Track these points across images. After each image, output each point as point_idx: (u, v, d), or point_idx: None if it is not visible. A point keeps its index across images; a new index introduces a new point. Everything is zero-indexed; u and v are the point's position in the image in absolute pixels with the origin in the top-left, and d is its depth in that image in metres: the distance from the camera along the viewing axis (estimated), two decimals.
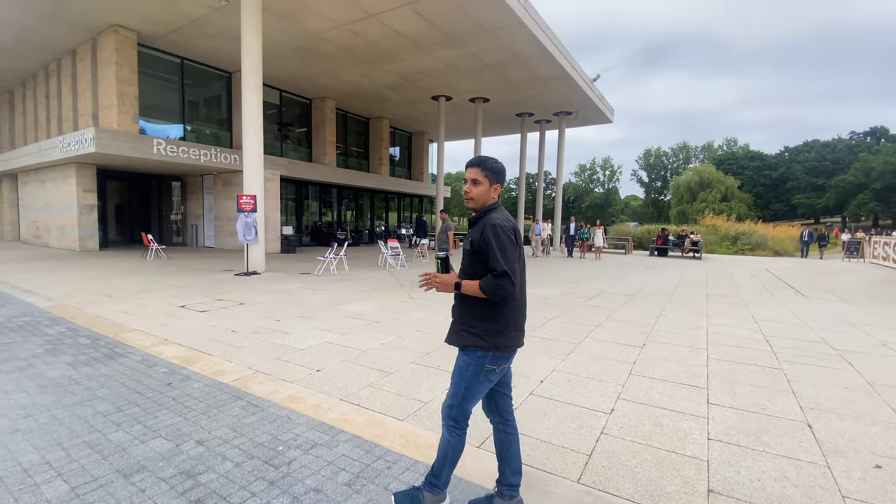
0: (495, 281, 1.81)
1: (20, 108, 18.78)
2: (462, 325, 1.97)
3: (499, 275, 1.80)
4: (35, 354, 4.30)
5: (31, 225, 17.89)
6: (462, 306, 1.98)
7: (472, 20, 12.12)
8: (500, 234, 1.85)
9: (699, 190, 50.07)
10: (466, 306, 1.95)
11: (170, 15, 12.16)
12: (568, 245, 18.59)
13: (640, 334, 5.45)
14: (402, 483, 2.30)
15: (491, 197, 1.98)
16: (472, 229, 1.98)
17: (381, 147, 24.00)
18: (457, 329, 2.00)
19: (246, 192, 9.72)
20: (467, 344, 1.94)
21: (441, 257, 1.97)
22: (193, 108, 16.23)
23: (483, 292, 1.83)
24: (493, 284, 1.81)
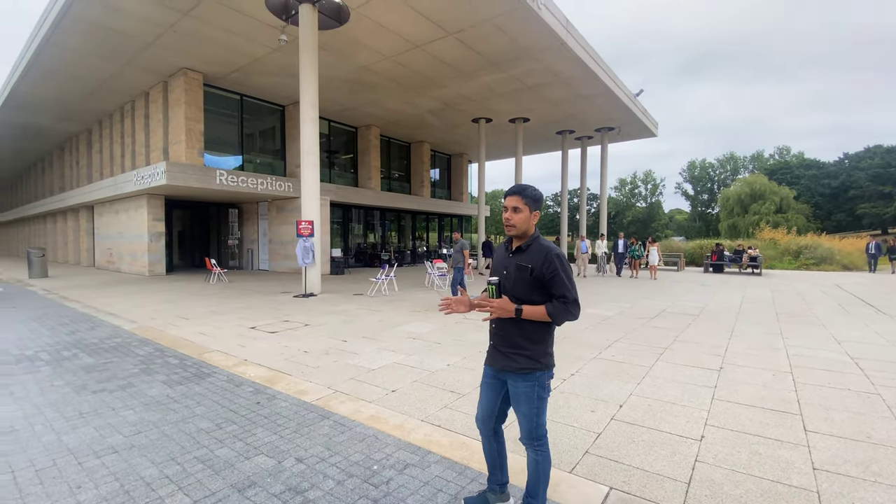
0: (566, 307, 1.94)
1: (97, 146, 20.70)
2: (513, 348, 2.02)
3: (571, 302, 1.94)
4: (132, 374, 4.66)
5: (105, 251, 19.45)
6: (515, 331, 2.02)
7: (515, 46, 12.39)
8: (565, 263, 2.00)
9: (751, 202, 47.61)
10: (520, 330, 2.01)
11: (233, 56, 13.19)
12: (617, 263, 17.46)
13: (714, 356, 5.23)
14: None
15: (532, 224, 2.05)
16: (520, 256, 2.03)
17: (423, 170, 24.58)
18: (507, 353, 2.04)
19: (304, 218, 10.21)
20: (524, 367, 2.00)
21: (494, 283, 2.00)
22: (250, 139, 17.34)
23: (551, 317, 1.94)
24: (563, 310, 1.94)
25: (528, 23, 11.21)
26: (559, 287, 1.94)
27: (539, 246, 2.02)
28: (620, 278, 16.45)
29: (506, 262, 2.07)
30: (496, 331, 2.09)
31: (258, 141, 17.87)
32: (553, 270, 1.94)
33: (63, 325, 7.28)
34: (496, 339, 2.09)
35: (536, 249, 2.01)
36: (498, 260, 2.14)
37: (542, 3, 10.88)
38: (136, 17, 10.84)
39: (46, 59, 13.28)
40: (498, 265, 2.11)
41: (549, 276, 1.95)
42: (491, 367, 2.14)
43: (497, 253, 2.20)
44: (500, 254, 2.16)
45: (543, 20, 11.10)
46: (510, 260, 2.06)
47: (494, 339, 2.10)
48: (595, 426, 3.31)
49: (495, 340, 2.09)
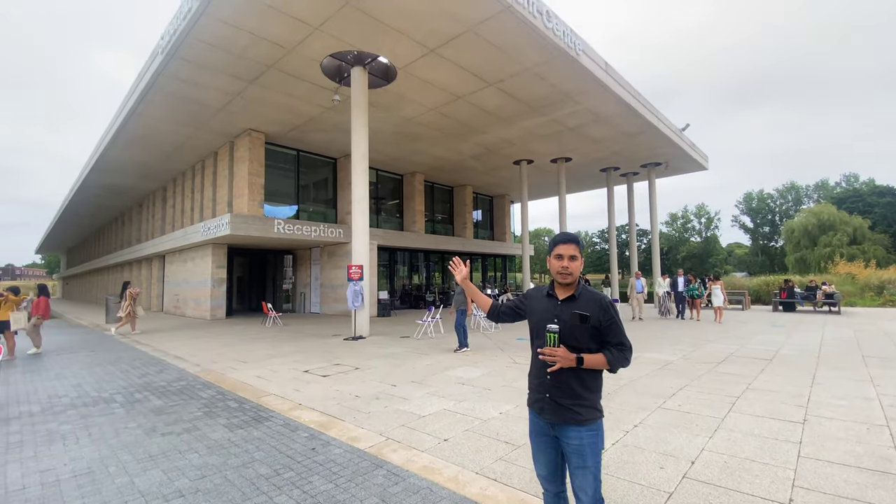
0: (623, 355, 1.96)
1: (171, 201, 22.84)
2: (574, 399, 1.97)
3: (627, 349, 1.98)
4: (196, 417, 4.87)
5: (173, 297, 20.93)
6: (574, 381, 1.97)
7: (555, 90, 12.69)
8: (618, 311, 2.01)
9: (819, 233, 44.14)
10: (578, 380, 1.97)
11: (291, 117, 14.40)
12: (678, 304, 15.60)
13: (796, 407, 4.73)
14: None
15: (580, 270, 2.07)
16: (574, 304, 2.00)
17: (465, 212, 25.00)
18: (568, 405, 1.97)
19: (354, 263, 10.59)
20: (588, 418, 1.96)
21: (555, 331, 1.95)
22: (305, 190, 18.50)
23: (610, 365, 1.94)
24: (621, 358, 1.96)
25: (567, 69, 11.51)
26: (617, 335, 1.97)
27: (591, 294, 2.04)
28: (683, 320, 14.71)
29: (556, 309, 2.03)
30: (553, 382, 2.00)
31: (312, 191, 19.03)
32: (610, 318, 1.97)
33: (135, 368, 7.80)
34: (553, 390, 2.00)
35: (589, 297, 2.01)
36: (544, 308, 2.08)
37: (581, 50, 11.18)
38: (209, 87, 12.19)
39: (132, 127, 15.09)
40: (545, 313, 2.06)
41: (606, 324, 1.97)
42: (545, 420, 2.05)
43: (537, 300, 2.15)
44: (544, 301, 2.11)
45: (582, 65, 11.37)
46: (562, 308, 2.03)
47: (551, 390, 2.01)
48: (665, 485, 3.06)
49: (552, 392, 2.01)
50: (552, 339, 1.95)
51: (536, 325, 2.09)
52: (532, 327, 2.14)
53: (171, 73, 11.36)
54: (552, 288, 2.11)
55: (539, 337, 2.05)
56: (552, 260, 2.05)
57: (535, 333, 2.11)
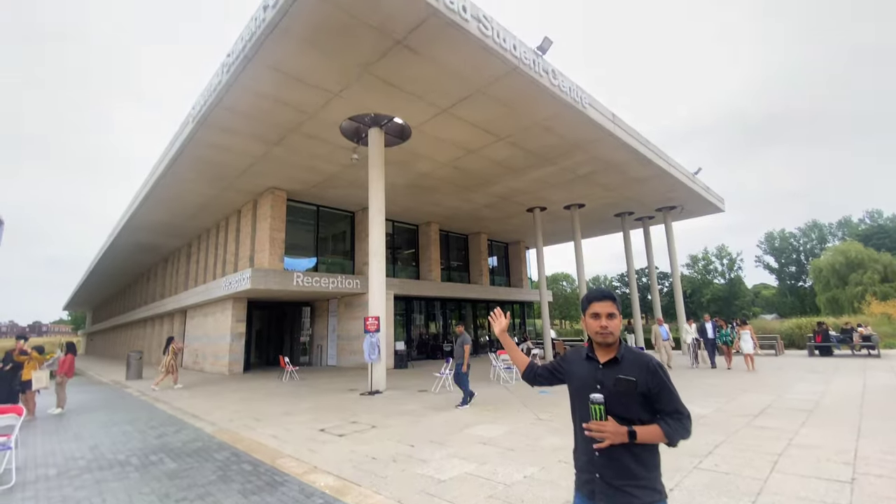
0: (682, 425, 1.74)
1: (195, 257, 23.58)
2: (630, 480, 1.73)
3: (686, 417, 1.76)
4: (210, 481, 4.75)
5: (193, 353, 21.05)
6: (628, 458, 1.74)
7: (564, 141, 13.07)
8: (668, 373, 1.81)
9: (848, 272, 42.63)
10: (633, 457, 1.74)
11: (312, 175, 15.06)
12: (709, 351, 14.14)
13: (843, 465, 4.38)
14: None
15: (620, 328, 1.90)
16: (616, 368, 1.82)
17: (480, 259, 25.07)
18: (623, 487, 1.73)
19: (371, 314, 10.60)
20: (648, 502, 1.72)
21: (600, 402, 1.75)
22: (324, 242, 18.95)
23: (668, 437, 1.72)
24: (680, 429, 1.74)
25: (575, 121, 11.91)
26: (671, 402, 1.76)
27: (636, 356, 1.84)
28: (716, 369, 13.49)
29: (598, 375, 1.84)
30: (604, 461, 1.77)
31: (330, 243, 19.47)
32: (660, 383, 1.76)
33: (152, 427, 7.74)
34: (605, 471, 1.76)
35: (633, 360, 1.82)
36: (585, 373, 1.89)
37: (588, 103, 11.61)
38: (235, 151, 12.94)
39: (162, 189, 15.95)
40: (587, 379, 1.86)
41: (656, 391, 1.76)
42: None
43: (576, 364, 1.96)
44: (584, 365, 1.92)
45: (590, 117, 11.75)
46: (604, 373, 1.83)
47: (602, 470, 1.77)
48: None
49: (603, 473, 1.76)
50: (597, 411, 1.75)
51: (577, 392, 1.89)
52: (572, 395, 1.94)
53: (200, 139, 12.14)
54: (592, 350, 1.92)
55: (581, 407, 1.84)
56: (588, 320, 1.88)
57: (576, 402, 1.90)
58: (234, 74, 9.37)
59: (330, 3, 7.43)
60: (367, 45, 8.48)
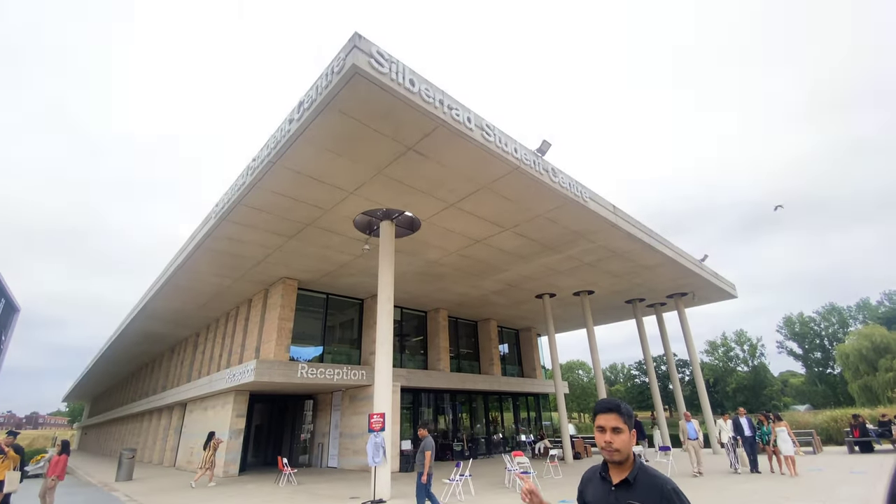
0: None
1: (202, 347, 23.35)
2: None
3: None
4: None
5: (188, 451, 19.85)
6: None
7: (568, 231, 13.49)
8: (685, 500, 1.67)
9: (876, 357, 40.66)
10: None
11: (324, 265, 15.47)
12: (749, 452, 12.41)
13: None
14: None
15: (632, 444, 1.80)
16: (627, 491, 1.71)
17: (491, 347, 24.43)
18: None
19: (376, 411, 10.12)
20: None
21: None
22: (331, 331, 18.79)
23: None
24: None
25: (578, 213, 12.39)
26: None
27: (649, 478, 1.74)
28: (760, 474, 11.80)
29: (610, 498, 1.75)
30: None
31: (338, 331, 19.29)
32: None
33: None
34: None
35: (647, 483, 1.72)
36: (599, 495, 1.81)
37: (588, 197, 12.17)
38: (252, 244, 13.50)
39: (178, 279, 16.37)
40: (599, 501, 1.78)
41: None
42: None
43: (592, 484, 1.87)
44: (598, 486, 1.83)
45: (591, 210, 12.25)
46: (617, 496, 1.74)
47: None
48: None
49: None
50: None
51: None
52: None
53: (220, 233, 12.76)
54: (605, 468, 1.83)
55: None
56: (596, 433, 1.81)
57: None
58: (258, 177, 10.13)
59: (349, 117, 8.27)
60: (381, 150, 9.24)
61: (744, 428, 12.42)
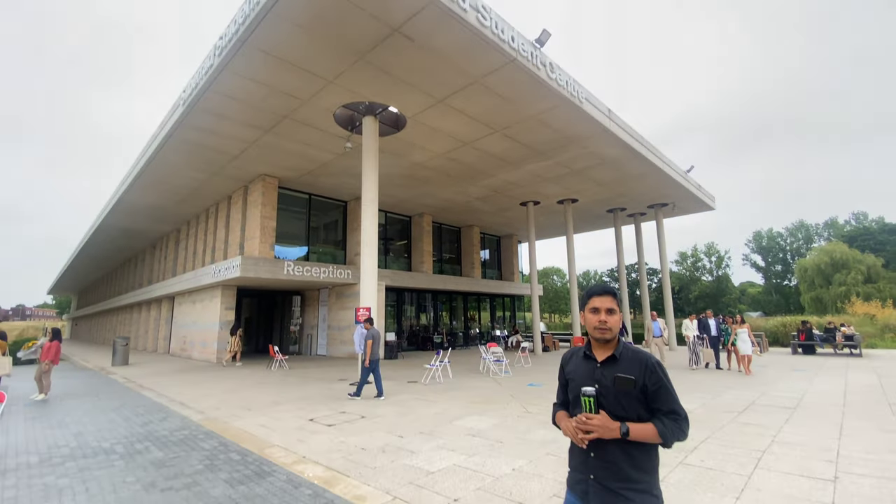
0: (678, 426, 1.70)
1: (183, 243, 23.26)
2: (625, 482, 1.68)
3: (684, 418, 1.72)
4: (197, 471, 4.70)
5: (180, 340, 20.85)
6: (623, 459, 1.70)
7: (560, 136, 13.04)
8: (667, 372, 1.77)
9: (833, 272, 43.51)
10: (628, 458, 1.70)
11: (304, 163, 14.86)
12: (715, 350, 12.84)
13: (826, 462, 4.47)
14: None
15: (619, 326, 1.86)
16: (615, 366, 1.79)
17: (473, 252, 25.09)
18: (619, 490, 1.68)
19: (362, 305, 10.54)
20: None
21: (591, 394, 1.73)
22: (315, 232, 18.79)
23: (664, 437, 1.67)
24: (676, 430, 1.69)
25: (571, 116, 11.87)
26: (668, 401, 1.72)
27: (633, 353, 1.81)
28: (721, 371, 12.18)
29: (596, 374, 1.81)
30: (598, 460, 1.73)
31: (322, 233, 19.31)
32: (658, 381, 1.73)
33: (138, 415, 7.66)
34: (599, 472, 1.72)
35: (632, 358, 1.79)
36: (583, 372, 1.86)
37: (584, 98, 11.56)
38: (227, 136, 12.71)
39: (151, 172, 15.65)
40: (584, 377, 1.84)
41: (653, 389, 1.73)
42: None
43: (575, 363, 1.94)
44: (582, 364, 1.89)
45: (586, 112, 11.72)
46: (602, 371, 1.81)
47: (596, 471, 1.73)
48: None
49: (597, 474, 1.72)
50: (588, 403, 1.72)
51: (575, 391, 1.86)
52: (571, 394, 1.90)
53: (191, 123, 11.90)
54: (589, 348, 1.89)
55: (578, 405, 1.80)
56: (587, 315, 1.85)
57: (574, 402, 1.87)
58: (227, 58, 9.16)
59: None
60: (363, 32, 8.32)
61: (710, 328, 12.95)
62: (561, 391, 2.02)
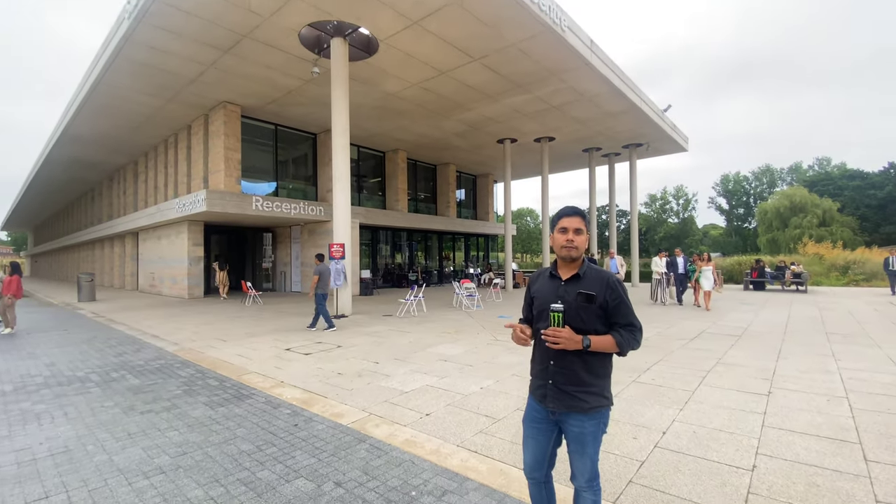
0: (634, 336, 1.86)
1: (143, 176, 22.01)
2: (580, 386, 1.86)
3: (638, 329, 1.87)
4: (176, 395, 4.82)
5: (148, 276, 20.42)
6: (580, 365, 1.86)
7: (540, 67, 12.55)
8: (625, 289, 1.91)
9: (791, 215, 45.63)
10: (585, 365, 1.86)
11: (269, 89, 13.89)
12: (678, 288, 13.30)
13: (762, 380, 4.97)
14: None
15: (585, 246, 1.94)
16: (579, 283, 1.89)
17: (448, 191, 24.87)
18: (574, 392, 1.86)
19: (336, 241, 10.47)
20: (594, 406, 1.87)
21: (560, 310, 1.84)
22: (284, 166, 18.05)
23: (619, 347, 1.83)
24: (631, 339, 1.85)
25: (553, 45, 11.36)
26: (625, 315, 1.86)
27: (596, 272, 1.92)
28: (682, 307, 12.50)
29: (560, 290, 1.92)
30: (557, 367, 1.89)
31: (291, 167, 18.58)
32: (617, 297, 1.86)
33: (111, 347, 7.64)
34: (557, 376, 1.89)
35: (595, 276, 1.90)
36: (548, 289, 1.97)
37: (566, 26, 11.02)
38: (180, 56, 11.62)
39: (98, 97, 14.34)
40: (549, 294, 1.94)
41: (613, 304, 1.85)
42: (547, 408, 1.93)
43: (541, 282, 2.04)
44: (548, 283, 1.99)
45: (568, 42, 11.23)
46: (566, 288, 1.91)
47: (555, 376, 1.89)
48: (638, 454, 3.20)
49: (556, 378, 1.89)
50: (556, 318, 1.83)
51: (540, 307, 1.96)
52: (536, 310, 2.01)
53: (139, 39, 10.76)
54: (555, 268, 1.99)
55: (542, 319, 1.92)
56: (556, 235, 1.93)
57: (538, 316, 1.98)
58: None
59: None
60: None
61: (678, 266, 13.37)
62: (526, 308, 2.13)
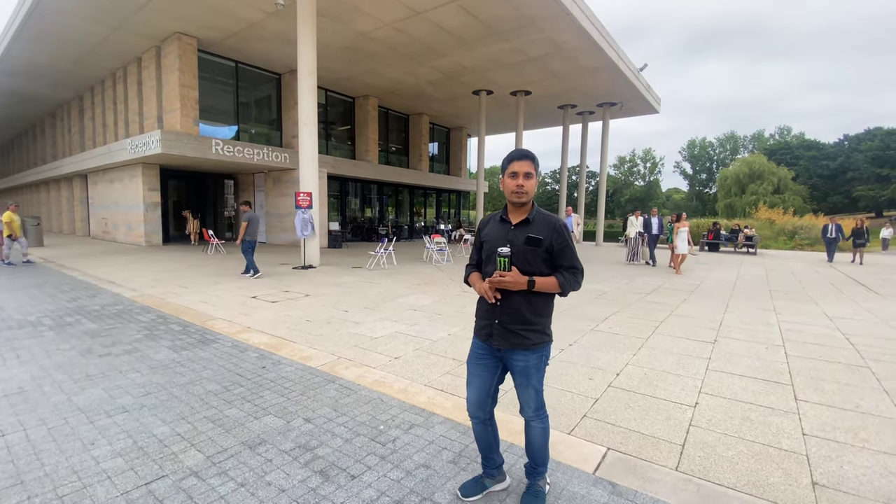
0: (575, 277, 1.94)
1: (90, 113, 20.22)
2: (523, 324, 1.94)
3: (580, 272, 1.96)
4: (137, 339, 4.71)
5: (101, 221, 19.28)
6: (524, 305, 1.93)
7: (519, 14, 12.05)
8: (570, 233, 1.99)
9: (749, 182, 47.65)
10: (529, 305, 1.93)
11: (228, 21, 12.77)
12: (651, 248, 13.20)
13: (709, 330, 5.34)
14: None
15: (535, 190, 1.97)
16: (527, 227, 1.93)
17: (421, 143, 24.25)
18: (518, 330, 1.94)
19: (302, 190, 10.13)
20: (536, 343, 1.95)
21: (506, 254, 1.88)
22: (246, 108, 16.97)
23: (562, 288, 1.91)
24: (573, 281, 1.94)
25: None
26: (569, 258, 1.93)
27: (544, 217, 1.96)
28: (655, 268, 12.23)
29: (509, 234, 1.95)
30: (503, 308, 1.95)
31: (254, 110, 17.51)
32: (563, 241, 1.92)
33: (63, 292, 7.30)
34: (503, 316, 1.95)
35: (543, 221, 1.95)
36: (497, 233, 2.00)
37: None
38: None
39: (36, 21, 12.79)
40: (498, 238, 1.97)
41: (558, 248, 1.91)
42: (492, 346, 2.00)
43: (491, 226, 2.06)
44: (497, 227, 2.02)
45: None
46: (515, 232, 1.95)
47: (501, 316, 1.95)
48: (593, 392, 3.42)
49: (502, 318, 1.95)
50: (503, 263, 1.88)
51: (489, 250, 2.00)
52: (485, 254, 2.05)
53: None
54: (505, 212, 2.01)
55: (490, 263, 1.97)
56: (506, 179, 1.93)
57: (487, 259, 2.02)
58: None
59: None
60: None
61: (653, 226, 13.05)
62: (475, 252, 2.18)
